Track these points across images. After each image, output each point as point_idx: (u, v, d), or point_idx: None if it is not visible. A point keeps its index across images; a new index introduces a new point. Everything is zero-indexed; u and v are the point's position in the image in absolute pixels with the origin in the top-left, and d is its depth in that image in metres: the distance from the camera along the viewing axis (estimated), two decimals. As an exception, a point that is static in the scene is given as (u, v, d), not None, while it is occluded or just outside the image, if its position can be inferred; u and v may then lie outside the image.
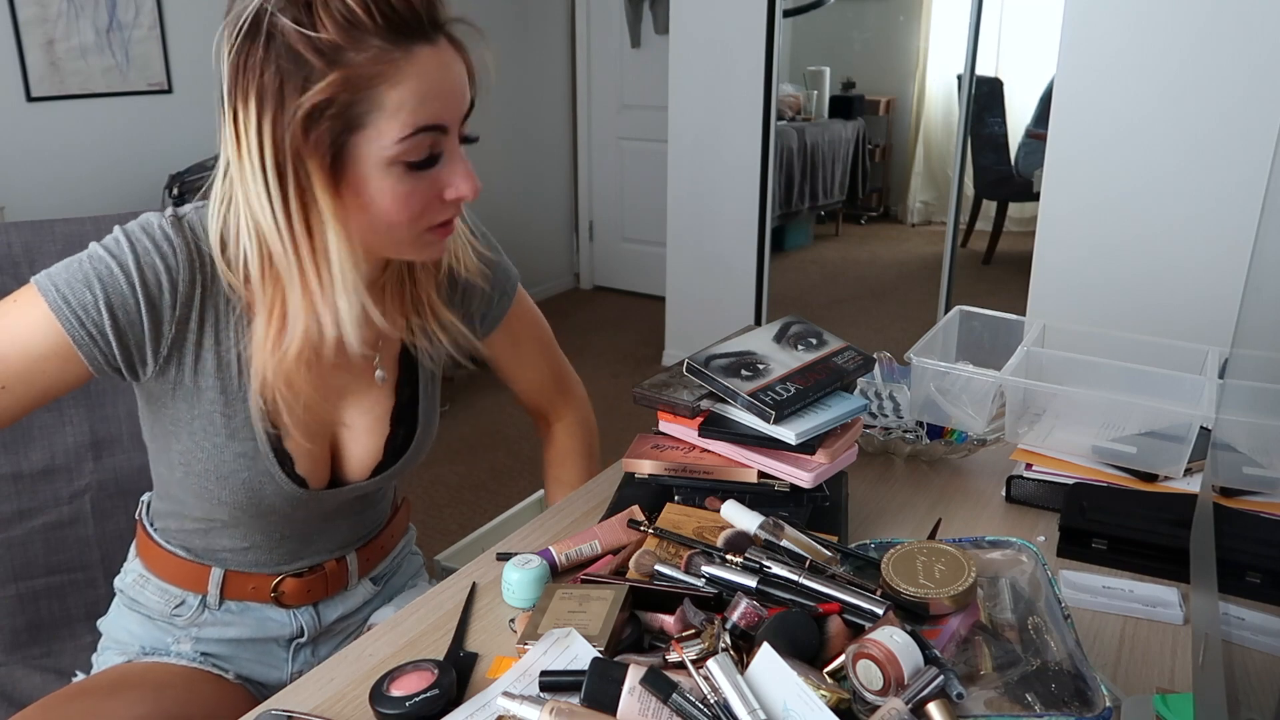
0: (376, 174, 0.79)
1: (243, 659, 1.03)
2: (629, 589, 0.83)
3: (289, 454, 0.93)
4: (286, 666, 1.05)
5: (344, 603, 1.07)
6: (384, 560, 1.12)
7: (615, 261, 4.84)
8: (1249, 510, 0.91)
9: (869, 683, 0.68)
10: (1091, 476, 1.13)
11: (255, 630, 1.03)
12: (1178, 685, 0.81)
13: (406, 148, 0.78)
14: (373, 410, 0.98)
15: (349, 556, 1.06)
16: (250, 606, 1.02)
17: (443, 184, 0.83)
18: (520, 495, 1.63)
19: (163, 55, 2.86)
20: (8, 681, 1.13)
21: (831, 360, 1.06)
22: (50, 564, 1.15)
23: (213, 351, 0.87)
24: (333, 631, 1.07)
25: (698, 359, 1.02)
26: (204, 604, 1.01)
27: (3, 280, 1.09)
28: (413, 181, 0.80)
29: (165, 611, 1.01)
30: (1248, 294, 0.89)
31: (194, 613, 1.01)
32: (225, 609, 1.01)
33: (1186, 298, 2.14)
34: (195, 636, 1.01)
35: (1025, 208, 4.72)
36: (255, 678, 1.04)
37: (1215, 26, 2.01)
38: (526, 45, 4.35)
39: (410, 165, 0.79)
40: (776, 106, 3.42)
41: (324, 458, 0.97)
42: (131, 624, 1.03)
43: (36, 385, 0.82)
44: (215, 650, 1.02)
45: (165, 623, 1.01)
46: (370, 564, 1.09)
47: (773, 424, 0.96)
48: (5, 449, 1.12)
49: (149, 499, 1.05)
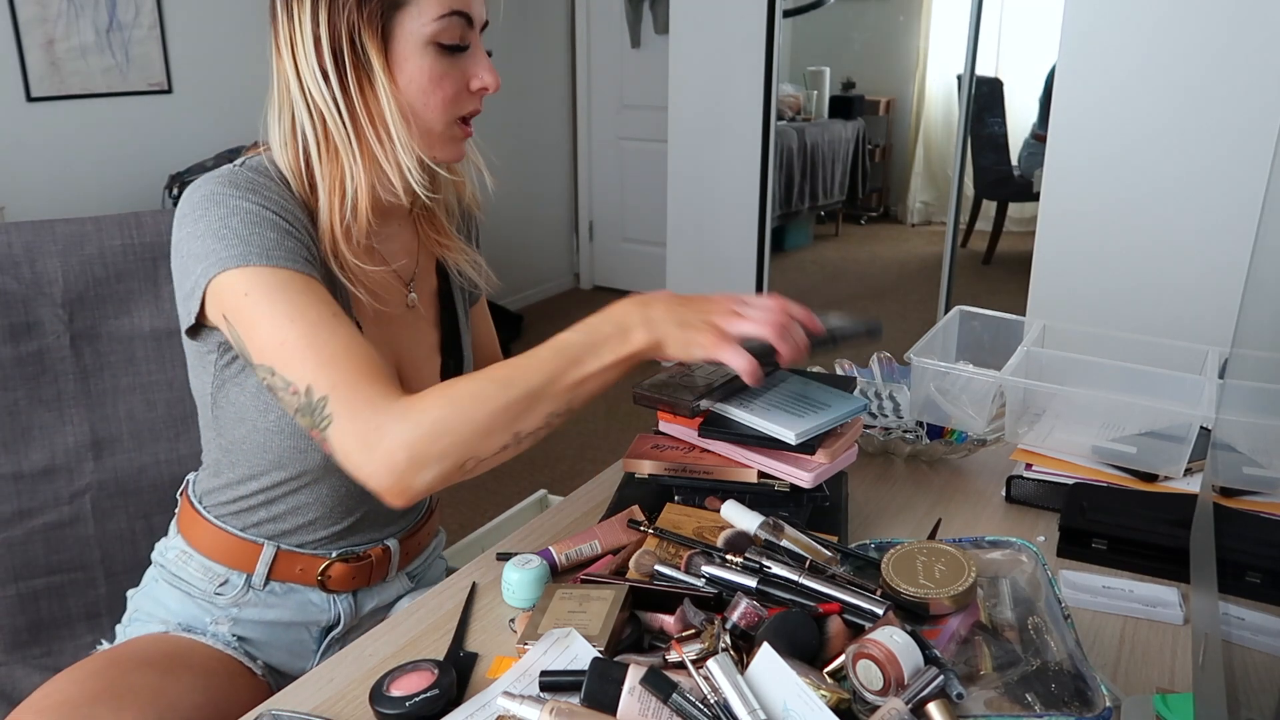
0: (416, 52, 0.88)
1: (274, 646, 1.04)
2: (629, 589, 0.83)
3: None
4: (313, 660, 1.06)
5: (380, 594, 1.09)
6: (420, 556, 1.14)
7: (615, 261, 4.84)
8: (1249, 510, 0.91)
9: (869, 683, 0.68)
10: (1091, 476, 1.13)
11: (295, 614, 1.03)
12: (1178, 685, 0.81)
13: (442, 27, 0.88)
14: (424, 340, 1.04)
15: (392, 545, 1.08)
16: (294, 589, 1.03)
17: (470, 74, 0.92)
18: (520, 495, 1.63)
19: (163, 55, 2.86)
20: (8, 681, 1.13)
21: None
22: (50, 564, 1.15)
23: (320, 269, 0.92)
24: (363, 626, 1.08)
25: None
26: (249, 584, 1.01)
27: (3, 280, 1.09)
28: (446, 64, 0.90)
29: (208, 590, 1.01)
30: (1248, 294, 0.89)
31: (238, 592, 1.01)
32: (269, 590, 1.02)
33: (1186, 298, 2.14)
34: (234, 617, 1.02)
35: (1025, 208, 4.72)
36: (281, 667, 1.05)
37: (1216, 26, 2.01)
38: (526, 45, 4.35)
39: (444, 47, 0.89)
40: (776, 106, 3.42)
41: None
42: (169, 599, 1.03)
43: (336, 312, 0.85)
44: (251, 634, 1.02)
45: (206, 601, 1.02)
46: (409, 557, 1.12)
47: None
48: (5, 449, 1.12)
49: (194, 478, 1.06)
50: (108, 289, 1.16)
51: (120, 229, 1.16)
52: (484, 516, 1.78)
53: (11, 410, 1.11)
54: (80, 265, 1.14)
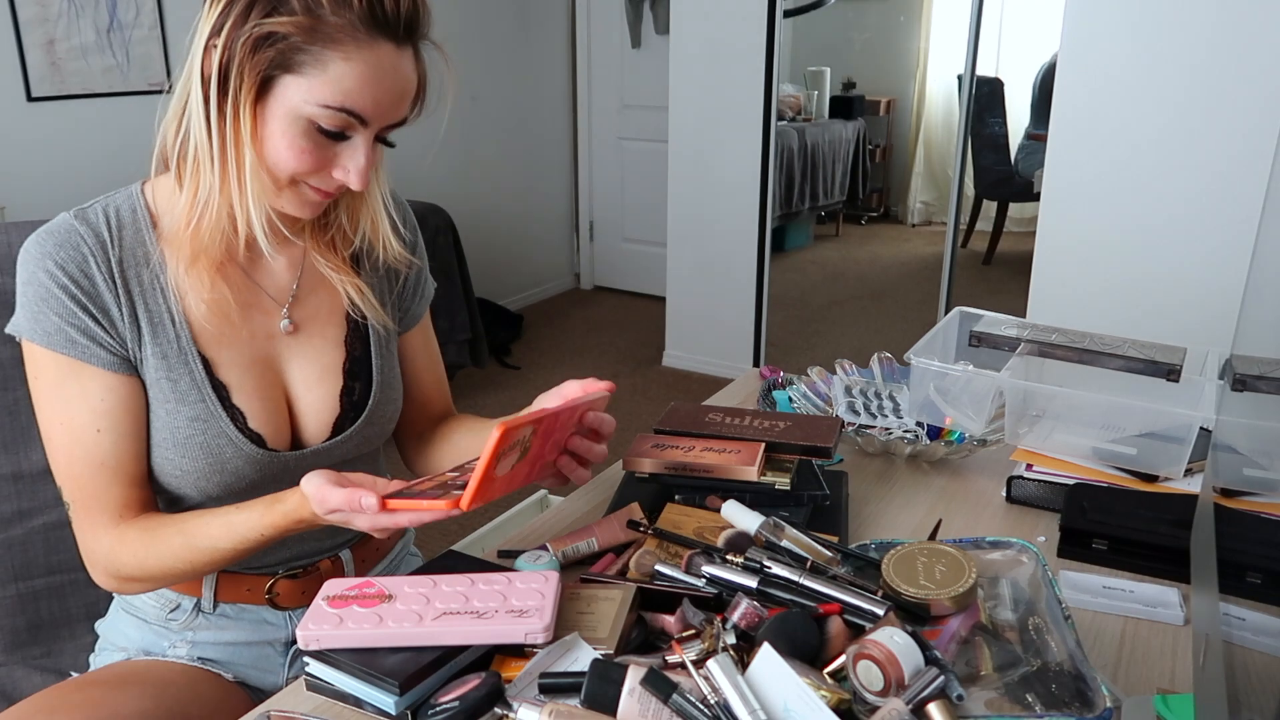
0: (286, 119, 0.83)
1: (239, 663, 1.03)
2: (636, 590, 0.83)
3: (240, 410, 0.93)
4: (283, 672, 1.05)
5: None
6: (381, 561, 1.12)
7: (615, 261, 4.84)
8: (1249, 511, 0.91)
9: (869, 683, 0.68)
10: (1092, 477, 1.13)
11: (251, 634, 1.02)
12: (1178, 686, 0.81)
13: (323, 114, 0.83)
14: (318, 361, 0.99)
15: (344, 555, 1.06)
16: (246, 609, 1.02)
17: (338, 162, 0.87)
18: (520, 495, 1.63)
19: (163, 55, 2.86)
20: (8, 681, 1.13)
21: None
22: (50, 564, 1.15)
23: (145, 317, 0.90)
24: None
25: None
26: (198, 607, 1.01)
27: (3, 280, 1.09)
28: (313, 143, 0.84)
29: (160, 615, 1.01)
30: (1248, 294, 0.89)
31: (189, 616, 1.01)
32: (220, 612, 1.01)
33: (1186, 298, 2.14)
34: (191, 640, 1.01)
35: (1025, 208, 4.72)
36: (251, 682, 1.04)
37: (1216, 26, 2.01)
38: (527, 45, 4.35)
39: (319, 129, 0.84)
40: (777, 107, 3.42)
41: (279, 414, 0.97)
42: (128, 628, 1.02)
43: (109, 413, 0.89)
44: (211, 654, 1.01)
45: (161, 626, 1.01)
46: (367, 565, 1.09)
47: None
48: (5, 449, 1.12)
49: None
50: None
51: (120, 229, 1.16)
52: (484, 517, 1.78)
53: (11, 410, 1.11)
54: (80, 265, 1.14)
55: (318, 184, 0.88)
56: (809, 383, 1.38)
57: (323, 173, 0.87)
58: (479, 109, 4.15)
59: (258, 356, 0.96)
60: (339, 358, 1.01)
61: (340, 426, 1.00)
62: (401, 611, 0.78)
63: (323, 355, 1.00)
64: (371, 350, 1.03)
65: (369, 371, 1.02)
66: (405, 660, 0.75)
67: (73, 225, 0.88)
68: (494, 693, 0.70)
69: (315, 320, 1.00)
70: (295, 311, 0.98)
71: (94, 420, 0.88)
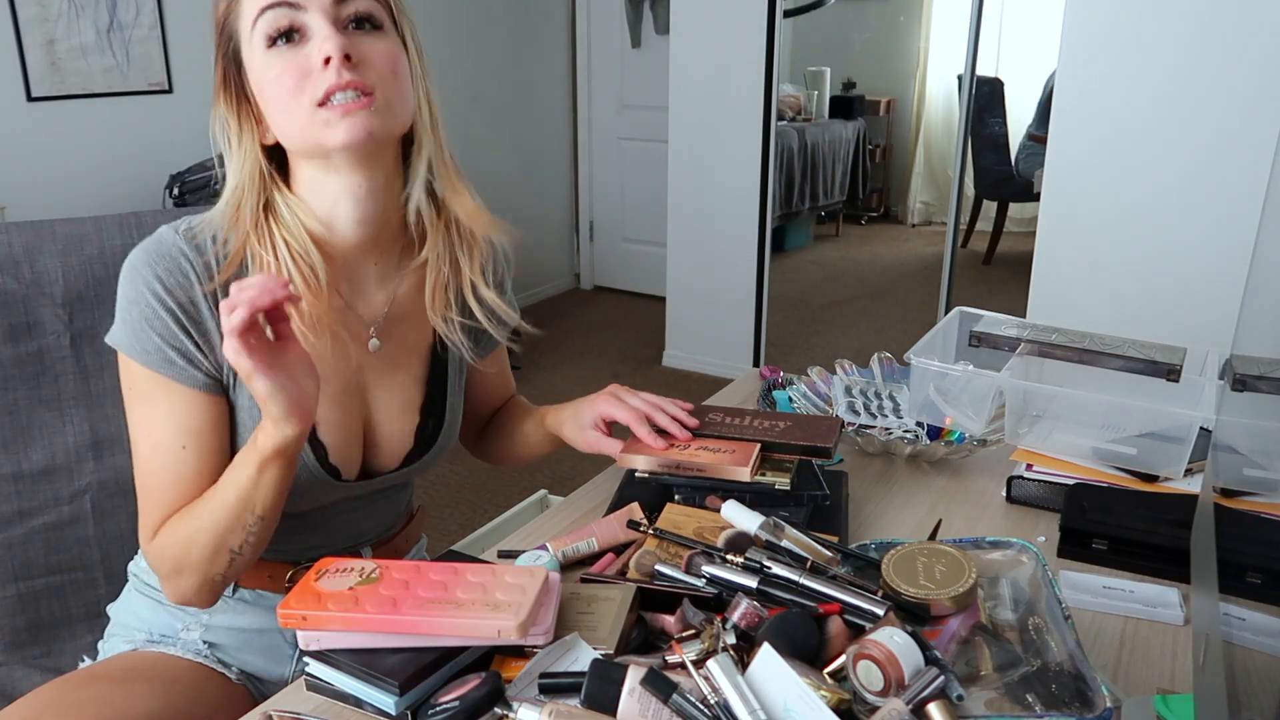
0: (257, 65, 0.88)
1: (248, 651, 1.03)
2: (636, 590, 0.83)
3: (323, 444, 0.95)
4: (290, 664, 1.06)
5: None
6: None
7: (615, 261, 4.84)
8: (1249, 511, 0.91)
9: (869, 683, 0.68)
10: (1092, 477, 1.13)
11: (266, 621, 1.03)
12: (1178, 686, 0.81)
13: (262, 26, 0.86)
14: (399, 394, 1.01)
15: (364, 552, 1.07)
16: (264, 595, 1.03)
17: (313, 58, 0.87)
18: (520, 495, 1.63)
19: (163, 55, 2.86)
20: (8, 681, 1.13)
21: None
22: (50, 564, 1.15)
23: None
24: None
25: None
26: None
27: (3, 280, 1.09)
28: (281, 60, 0.86)
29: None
30: (1248, 294, 0.89)
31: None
32: (239, 597, 1.02)
33: (1186, 298, 2.14)
34: (205, 624, 1.02)
35: (1025, 208, 4.72)
36: (257, 673, 1.04)
37: (1216, 27, 2.01)
38: (526, 45, 4.35)
39: (272, 40, 0.86)
40: (777, 106, 3.42)
41: (357, 447, 0.99)
42: (142, 609, 1.03)
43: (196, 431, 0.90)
44: (223, 640, 1.02)
45: (176, 607, 1.01)
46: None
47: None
48: (5, 449, 1.12)
49: None
50: (108, 289, 1.16)
51: (120, 229, 1.16)
52: (484, 517, 1.78)
53: (11, 410, 1.11)
54: (80, 265, 1.14)
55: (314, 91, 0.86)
56: (809, 383, 1.38)
57: (305, 78, 0.86)
58: (479, 109, 4.15)
59: (344, 385, 0.97)
60: (419, 393, 1.03)
61: (408, 459, 1.03)
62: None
63: (405, 389, 1.02)
64: (449, 387, 1.06)
65: (443, 409, 1.05)
66: (405, 660, 0.75)
67: (181, 248, 0.89)
68: (494, 693, 0.70)
69: (401, 350, 1.02)
70: (384, 335, 1.00)
71: (180, 437, 0.90)
